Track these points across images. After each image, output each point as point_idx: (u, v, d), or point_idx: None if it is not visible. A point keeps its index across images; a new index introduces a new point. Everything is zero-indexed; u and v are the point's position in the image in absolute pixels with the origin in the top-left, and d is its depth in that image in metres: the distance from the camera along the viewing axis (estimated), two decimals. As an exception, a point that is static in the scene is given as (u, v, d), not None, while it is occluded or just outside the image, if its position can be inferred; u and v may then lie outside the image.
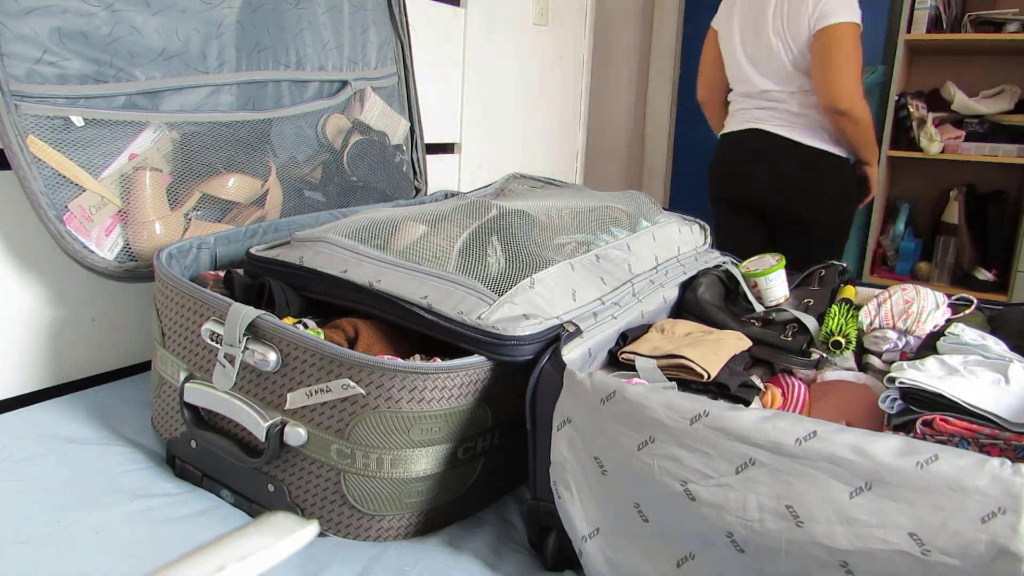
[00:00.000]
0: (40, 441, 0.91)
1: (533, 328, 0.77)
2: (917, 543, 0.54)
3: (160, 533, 0.76)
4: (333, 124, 1.31)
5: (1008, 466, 0.53)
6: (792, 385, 0.89)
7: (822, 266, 1.18)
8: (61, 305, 1.08)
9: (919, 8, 2.42)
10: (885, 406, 0.76)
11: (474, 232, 0.92)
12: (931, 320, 0.96)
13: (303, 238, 0.93)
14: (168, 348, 0.87)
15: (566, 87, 2.40)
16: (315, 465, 0.76)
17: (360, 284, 0.83)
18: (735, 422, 0.61)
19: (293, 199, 1.23)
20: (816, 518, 0.57)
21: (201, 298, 0.82)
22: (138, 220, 1.01)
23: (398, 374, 0.71)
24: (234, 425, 0.81)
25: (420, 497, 0.77)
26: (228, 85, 1.12)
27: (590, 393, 0.68)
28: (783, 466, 0.59)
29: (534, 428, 0.74)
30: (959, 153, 2.49)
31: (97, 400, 1.03)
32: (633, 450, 0.65)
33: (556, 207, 1.07)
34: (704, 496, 0.61)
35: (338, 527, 0.77)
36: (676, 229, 1.19)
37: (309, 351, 0.73)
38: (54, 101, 0.92)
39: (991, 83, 2.58)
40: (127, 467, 0.87)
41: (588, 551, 0.69)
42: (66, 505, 0.79)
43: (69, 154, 0.94)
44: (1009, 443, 0.67)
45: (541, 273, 0.85)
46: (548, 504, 0.73)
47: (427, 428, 0.74)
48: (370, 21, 1.39)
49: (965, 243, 2.60)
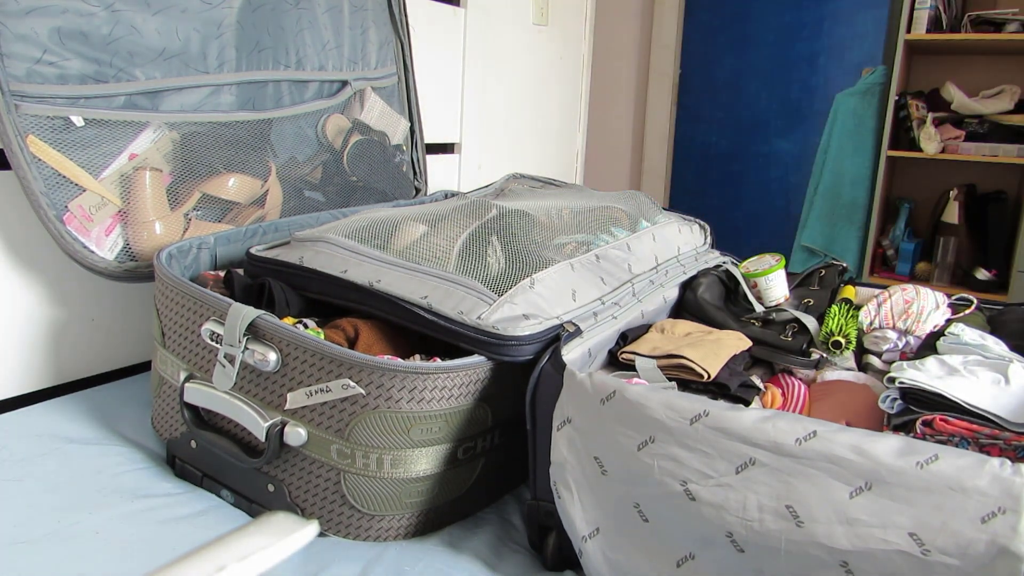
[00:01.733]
0: (40, 441, 0.91)
1: (533, 328, 0.77)
2: (917, 543, 0.54)
3: (160, 533, 0.76)
4: (333, 124, 1.31)
5: (1008, 466, 0.53)
6: (792, 385, 0.89)
7: (822, 266, 1.18)
8: (61, 305, 1.08)
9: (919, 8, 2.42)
10: (885, 406, 0.76)
11: (474, 232, 0.92)
12: (931, 320, 0.96)
13: (303, 238, 0.93)
14: (168, 348, 0.87)
15: (566, 87, 2.40)
16: (315, 465, 0.76)
17: (360, 284, 0.83)
18: (735, 422, 0.61)
19: (293, 199, 1.23)
20: (816, 518, 0.57)
21: (201, 298, 0.82)
22: (138, 220, 1.01)
23: (398, 374, 0.71)
24: (234, 425, 0.81)
25: (420, 497, 0.77)
26: (228, 85, 1.12)
27: (590, 393, 0.68)
28: (783, 466, 0.59)
29: (534, 428, 0.74)
30: (959, 153, 2.49)
31: (97, 400, 1.03)
32: (633, 450, 0.65)
33: (556, 207, 1.07)
34: (704, 496, 0.61)
35: (338, 527, 0.77)
36: (676, 229, 1.19)
37: (309, 351, 0.73)
38: (54, 101, 0.92)
39: (991, 83, 2.58)
40: (127, 467, 0.87)
41: (588, 551, 0.69)
42: (66, 505, 0.79)
43: (69, 154, 0.94)
44: (1009, 443, 0.67)
45: (541, 273, 0.85)
46: (548, 504, 0.73)
47: (427, 428, 0.74)
48: (370, 21, 1.39)
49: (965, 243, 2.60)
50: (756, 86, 3.03)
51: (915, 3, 2.43)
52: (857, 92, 2.62)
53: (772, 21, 2.95)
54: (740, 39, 3.02)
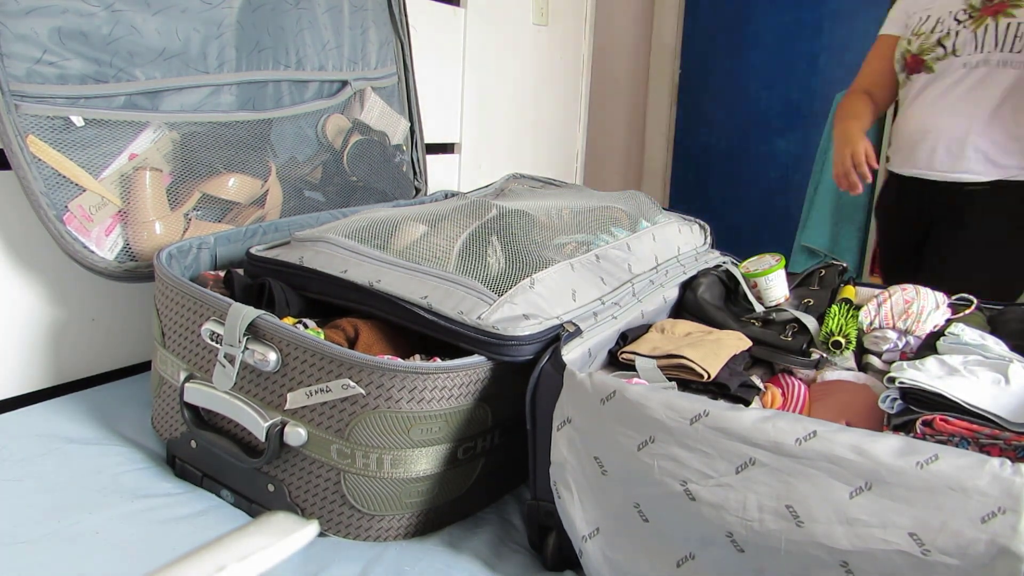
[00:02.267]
0: (40, 441, 0.91)
1: (533, 328, 0.77)
2: (917, 543, 0.54)
3: (160, 533, 0.76)
4: (333, 124, 1.31)
5: (1008, 466, 0.53)
6: (792, 385, 0.89)
7: (822, 266, 1.17)
8: (61, 305, 1.08)
9: (919, 8, 2.42)
10: (885, 406, 0.76)
11: (474, 232, 0.92)
12: (931, 320, 0.96)
13: (303, 238, 0.93)
14: (168, 348, 0.87)
15: (566, 87, 2.40)
16: (315, 465, 0.76)
17: (360, 284, 0.83)
18: (735, 422, 0.61)
19: (293, 199, 1.23)
20: (816, 518, 0.57)
21: (201, 298, 0.82)
22: (138, 220, 1.01)
23: (398, 374, 0.71)
24: (234, 425, 0.81)
25: (420, 497, 0.77)
26: (228, 85, 1.12)
27: (590, 393, 0.68)
28: (783, 466, 0.59)
29: (534, 428, 0.74)
30: (959, 153, 2.49)
31: (97, 400, 1.03)
32: (633, 450, 0.65)
33: (556, 207, 1.07)
34: (704, 496, 0.61)
35: (338, 527, 0.77)
36: (676, 229, 1.18)
37: (309, 351, 0.73)
38: (54, 101, 0.92)
39: (991, 83, 2.58)
40: (127, 467, 0.87)
41: (588, 551, 0.69)
42: (66, 505, 0.79)
43: (69, 154, 0.94)
44: (1009, 443, 0.67)
45: (541, 273, 0.85)
46: (548, 504, 0.73)
47: (427, 428, 0.74)
48: (370, 21, 1.39)
49: (965, 243, 2.59)
50: (756, 86, 3.03)
51: (915, 3, 2.42)
52: (857, 92, 2.62)
53: (772, 21, 2.94)
54: (740, 39, 3.02)
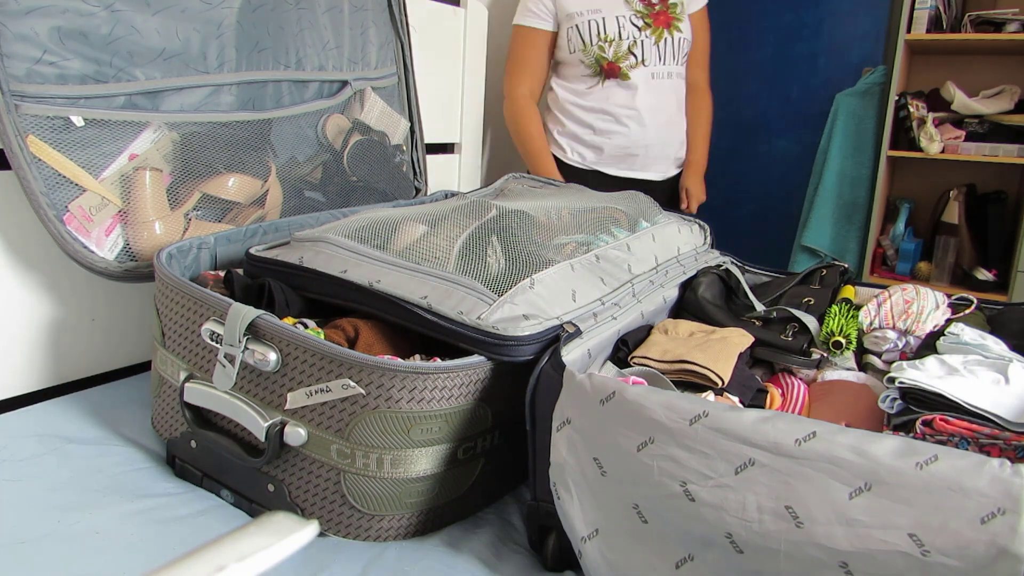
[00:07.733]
0: (40, 441, 0.91)
1: (533, 328, 0.77)
2: (917, 544, 0.54)
3: (160, 533, 0.76)
4: (333, 124, 1.31)
5: (1008, 466, 0.53)
6: (792, 385, 0.89)
7: (822, 266, 1.17)
8: (61, 305, 1.08)
9: (919, 8, 2.42)
10: (885, 406, 0.76)
11: (474, 232, 0.92)
12: (931, 320, 0.96)
13: (303, 238, 0.93)
14: (168, 348, 0.87)
15: (566, 87, 2.40)
16: (315, 465, 0.76)
17: (360, 284, 0.83)
18: (734, 423, 0.61)
19: (293, 199, 1.23)
20: (815, 519, 0.57)
21: (201, 298, 0.82)
22: (138, 220, 1.01)
23: (398, 374, 0.71)
24: (234, 425, 0.81)
25: (420, 497, 0.77)
26: (228, 85, 1.12)
27: (590, 394, 0.68)
28: (782, 467, 0.59)
29: (534, 429, 0.74)
30: (959, 153, 2.49)
31: (97, 400, 1.03)
32: (632, 451, 0.65)
33: (556, 207, 1.07)
34: (703, 497, 0.61)
35: (338, 527, 0.77)
36: (676, 229, 1.19)
37: (309, 351, 0.73)
38: (54, 101, 0.92)
39: (991, 83, 2.58)
40: (127, 467, 0.87)
41: (587, 552, 0.69)
42: (66, 505, 0.79)
43: (69, 154, 0.94)
44: (1009, 443, 0.67)
45: (541, 273, 0.85)
46: (548, 504, 0.73)
47: (427, 428, 0.74)
48: (370, 21, 1.39)
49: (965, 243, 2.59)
50: (756, 86, 3.03)
51: (915, 3, 2.42)
52: (857, 92, 2.62)
53: (772, 21, 2.94)
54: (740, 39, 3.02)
